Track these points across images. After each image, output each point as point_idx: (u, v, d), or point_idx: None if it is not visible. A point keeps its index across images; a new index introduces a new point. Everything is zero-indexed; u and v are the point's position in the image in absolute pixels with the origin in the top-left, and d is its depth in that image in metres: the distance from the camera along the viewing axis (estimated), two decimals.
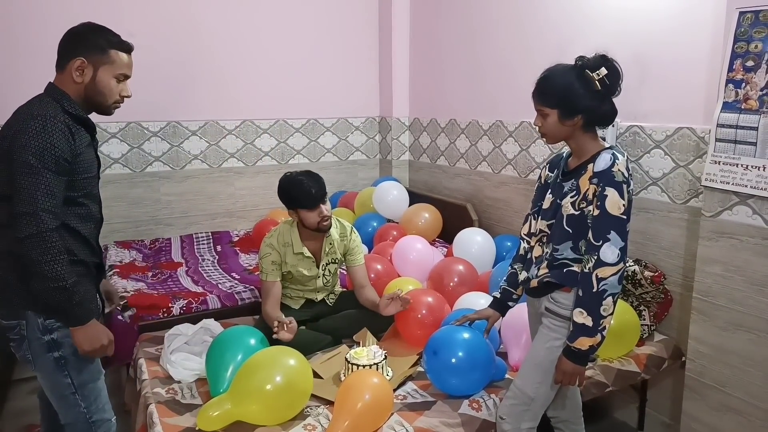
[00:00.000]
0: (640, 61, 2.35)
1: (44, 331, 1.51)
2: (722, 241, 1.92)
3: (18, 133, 1.41)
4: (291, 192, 2.30)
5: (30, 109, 1.47)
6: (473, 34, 3.43)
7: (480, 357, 1.92)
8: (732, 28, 1.82)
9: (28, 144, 1.39)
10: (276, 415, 1.76)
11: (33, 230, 1.38)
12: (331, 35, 3.99)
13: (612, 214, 1.51)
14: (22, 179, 1.39)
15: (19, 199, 1.39)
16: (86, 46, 1.53)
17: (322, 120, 4.09)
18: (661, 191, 2.37)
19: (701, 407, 2.05)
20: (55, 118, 1.45)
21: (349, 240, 2.48)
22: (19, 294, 1.49)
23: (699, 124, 2.21)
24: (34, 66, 2.17)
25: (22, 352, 1.54)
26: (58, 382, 1.56)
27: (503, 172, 3.29)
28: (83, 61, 1.52)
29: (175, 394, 1.95)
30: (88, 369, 1.60)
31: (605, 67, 1.53)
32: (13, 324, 1.52)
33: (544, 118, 1.61)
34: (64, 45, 1.56)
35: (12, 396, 2.81)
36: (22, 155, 1.39)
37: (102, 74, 1.54)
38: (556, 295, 1.66)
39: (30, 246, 1.38)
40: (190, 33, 3.49)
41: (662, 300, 2.32)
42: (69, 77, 1.53)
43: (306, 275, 2.41)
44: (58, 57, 1.56)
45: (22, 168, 1.39)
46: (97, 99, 1.56)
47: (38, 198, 1.39)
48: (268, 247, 2.36)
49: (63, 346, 1.53)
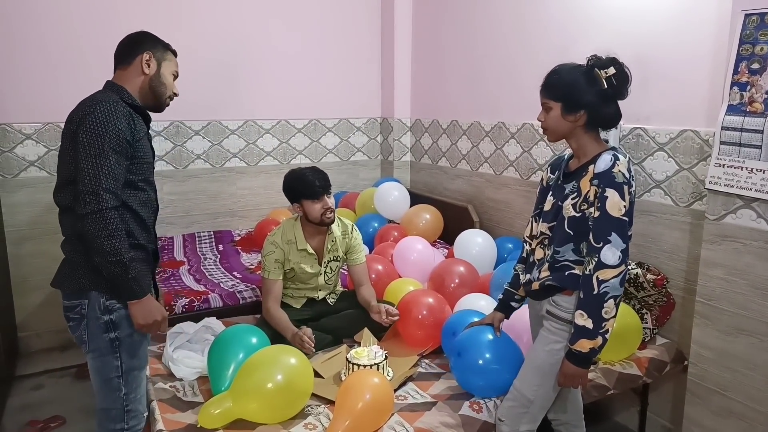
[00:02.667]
0: (643, 62, 2.34)
1: (104, 311, 1.58)
2: (725, 244, 1.91)
3: (84, 117, 1.51)
4: (295, 184, 2.34)
5: (94, 97, 1.59)
6: (475, 35, 3.43)
7: (508, 358, 1.91)
8: (737, 30, 1.81)
9: (92, 126, 1.49)
10: (277, 414, 1.77)
11: (94, 207, 1.46)
12: (333, 36, 3.99)
13: (612, 215, 1.51)
14: (86, 159, 1.48)
15: (83, 179, 1.47)
16: (151, 44, 1.70)
17: (323, 120, 4.09)
18: (664, 194, 2.37)
19: (703, 411, 2.04)
20: (117, 103, 1.56)
21: (350, 238, 2.49)
22: (86, 274, 1.56)
23: (702, 127, 2.21)
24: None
25: (79, 332, 1.60)
26: (108, 363, 1.61)
27: (505, 173, 3.29)
28: (151, 55, 1.68)
29: (176, 392, 1.96)
30: (137, 355, 1.66)
31: (614, 68, 1.53)
32: (75, 303, 1.59)
33: (547, 111, 1.62)
34: (128, 45, 1.70)
35: (14, 392, 2.81)
36: (87, 136, 1.49)
37: (164, 68, 1.72)
38: (558, 298, 1.66)
39: (90, 222, 1.46)
40: (193, 34, 3.50)
41: (664, 303, 2.31)
42: (136, 70, 1.67)
43: (308, 272, 2.41)
44: (121, 56, 1.69)
45: (86, 149, 1.48)
46: (159, 90, 1.71)
47: (101, 177, 1.47)
48: (271, 244, 2.36)
49: (119, 328, 1.59)
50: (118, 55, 1.71)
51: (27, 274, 3.19)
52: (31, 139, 3.19)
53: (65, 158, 1.56)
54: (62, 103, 3.15)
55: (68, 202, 1.56)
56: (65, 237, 1.62)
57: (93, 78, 3.17)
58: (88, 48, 3.21)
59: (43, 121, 3.20)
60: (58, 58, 3.17)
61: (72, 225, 1.56)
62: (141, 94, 1.69)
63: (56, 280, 1.63)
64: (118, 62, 1.70)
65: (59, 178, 1.60)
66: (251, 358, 1.81)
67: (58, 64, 3.18)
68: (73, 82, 3.20)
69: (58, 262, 1.65)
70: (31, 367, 3.06)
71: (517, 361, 1.84)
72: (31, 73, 3.13)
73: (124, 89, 1.65)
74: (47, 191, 1.57)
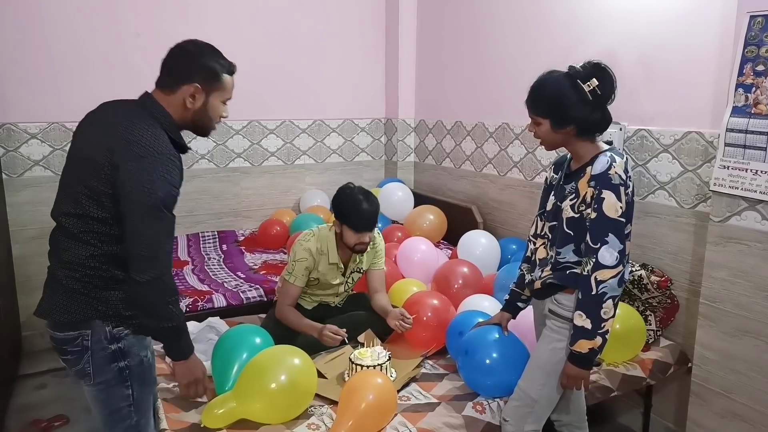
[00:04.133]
0: (647, 63, 2.34)
1: (111, 339, 1.43)
2: (730, 246, 1.91)
3: (134, 163, 1.32)
4: (346, 208, 2.27)
5: (138, 128, 1.36)
6: (480, 36, 3.43)
7: (517, 358, 1.90)
8: (742, 32, 1.81)
9: (146, 185, 1.32)
10: (280, 414, 1.77)
11: (156, 274, 1.35)
12: (337, 36, 4.00)
13: (609, 216, 1.51)
14: (144, 221, 1.33)
15: (139, 241, 1.34)
16: (202, 72, 1.45)
17: (327, 121, 4.09)
18: (668, 195, 2.36)
19: (706, 413, 2.04)
20: (172, 155, 1.39)
21: (375, 244, 2.45)
22: (87, 303, 1.40)
23: (706, 128, 2.20)
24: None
25: (81, 365, 1.44)
26: (117, 394, 1.47)
27: (509, 174, 3.28)
28: (198, 88, 1.44)
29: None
30: (149, 380, 1.56)
31: (597, 77, 1.53)
32: (73, 335, 1.42)
33: (537, 126, 1.63)
34: (176, 65, 1.46)
35: (18, 391, 2.82)
36: (145, 198, 1.32)
37: (213, 100, 1.48)
38: (560, 296, 1.66)
39: (149, 289, 1.35)
40: (197, 34, 3.50)
41: (668, 305, 2.31)
42: (179, 101, 1.44)
43: (332, 283, 2.41)
44: (167, 76, 1.46)
45: (147, 211, 1.33)
46: (203, 123, 1.51)
47: (161, 242, 1.36)
48: (305, 251, 2.30)
49: (129, 355, 1.46)
50: (165, 72, 1.46)
51: (31, 273, 3.20)
52: (36, 138, 3.20)
53: (86, 177, 1.36)
54: (67, 102, 3.21)
55: (76, 229, 1.38)
56: (61, 261, 1.41)
57: (97, 78, 3.23)
58: (92, 48, 3.23)
59: (48, 121, 3.22)
60: (63, 58, 3.19)
61: (79, 255, 1.39)
62: (182, 122, 1.48)
63: (45, 309, 1.43)
64: (163, 80, 1.46)
65: (66, 193, 1.41)
66: (255, 359, 1.81)
67: (63, 63, 3.19)
68: (78, 81, 3.22)
69: None
70: (34, 366, 3.06)
71: (525, 361, 1.84)
72: (36, 73, 3.14)
73: (167, 117, 1.44)
74: (52, 190, 1.48)
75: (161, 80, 1.47)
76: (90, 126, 1.45)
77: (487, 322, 1.97)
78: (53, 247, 1.46)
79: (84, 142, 1.42)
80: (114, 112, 1.44)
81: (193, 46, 1.48)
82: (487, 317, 2.08)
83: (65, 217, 1.41)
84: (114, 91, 1.53)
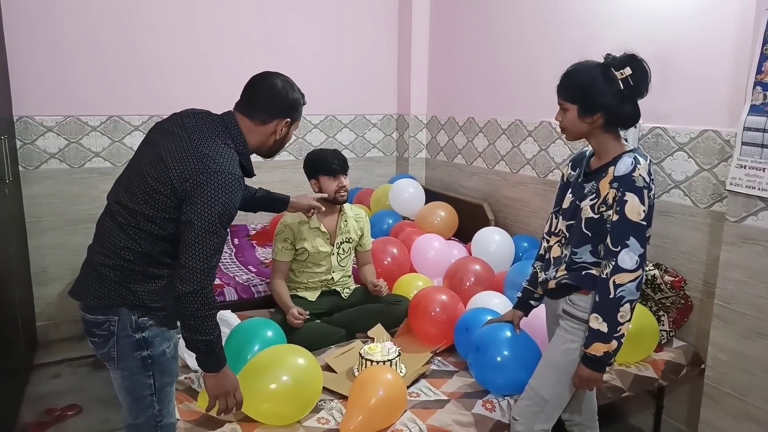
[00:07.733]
0: (664, 60, 2.30)
1: (136, 328, 1.47)
2: (746, 246, 1.88)
3: (203, 181, 1.39)
4: (315, 161, 2.50)
5: (216, 152, 1.44)
6: (493, 32, 3.41)
7: (529, 356, 1.90)
8: (761, 29, 1.78)
9: (212, 198, 1.38)
10: (284, 418, 1.74)
11: (198, 286, 1.38)
12: (350, 31, 3.99)
13: (631, 219, 1.49)
14: (201, 235, 1.37)
15: (192, 253, 1.37)
16: (291, 108, 1.59)
17: (339, 116, 4.09)
18: (683, 194, 2.34)
19: (719, 415, 2.02)
20: (239, 176, 1.46)
21: (364, 222, 2.64)
22: (117, 290, 1.45)
23: (723, 126, 2.17)
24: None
25: (107, 349, 1.49)
26: (140, 382, 1.52)
27: (521, 171, 3.26)
28: (288, 123, 1.59)
29: (191, 383, 1.98)
30: (170, 371, 1.58)
31: (631, 67, 1.51)
32: (102, 320, 1.47)
33: (564, 112, 1.60)
34: (271, 102, 1.56)
35: (32, 381, 2.87)
36: (207, 211, 1.38)
37: (292, 129, 1.63)
38: (574, 297, 1.65)
39: (189, 301, 1.38)
40: (209, 30, 3.52)
41: (682, 305, 2.28)
42: (267, 132, 1.56)
43: (321, 251, 2.48)
44: (259, 110, 1.55)
45: (207, 224, 1.37)
46: (278, 149, 1.64)
47: (210, 256, 1.39)
48: (281, 225, 2.48)
49: (152, 345, 1.50)
50: (256, 105, 1.55)
51: (46, 264, 3.25)
52: (52, 131, 3.24)
53: (151, 176, 1.42)
54: (82, 96, 3.24)
55: (124, 220, 1.44)
56: (101, 245, 1.47)
57: (112, 72, 3.25)
58: (107, 42, 3.25)
59: (64, 114, 3.25)
60: (79, 52, 3.21)
61: (117, 244, 1.44)
62: (257, 147, 1.58)
63: (78, 290, 1.50)
64: (252, 111, 1.54)
65: (127, 184, 1.47)
66: (256, 359, 1.80)
67: (79, 58, 3.21)
68: (94, 75, 3.25)
69: (78, 254, 1.54)
70: (49, 356, 3.11)
71: (537, 360, 1.83)
72: (52, 67, 3.17)
73: (244, 144, 1.53)
74: (68, 183, 1.50)
75: (249, 111, 1.55)
76: (171, 128, 1.50)
77: (499, 320, 1.96)
78: (98, 229, 1.52)
79: (159, 142, 1.48)
80: (197, 123, 1.51)
81: (282, 83, 1.59)
82: (496, 314, 2.07)
83: (117, 206, 1.47)
84: (128, 85, 1.55)
